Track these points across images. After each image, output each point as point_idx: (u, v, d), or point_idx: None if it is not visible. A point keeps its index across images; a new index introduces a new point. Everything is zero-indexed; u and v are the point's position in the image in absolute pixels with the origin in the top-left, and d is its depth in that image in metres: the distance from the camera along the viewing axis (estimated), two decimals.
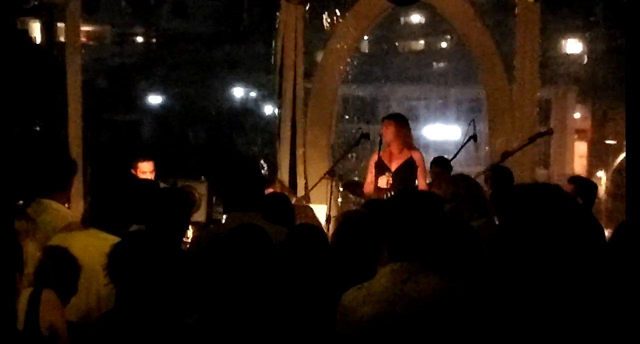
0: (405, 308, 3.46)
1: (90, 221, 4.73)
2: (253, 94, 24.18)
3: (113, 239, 4.50)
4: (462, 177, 6.29)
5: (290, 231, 4.68)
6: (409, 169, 8.77)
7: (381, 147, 8.83)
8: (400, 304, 3.48)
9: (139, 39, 26.34)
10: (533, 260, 3.57)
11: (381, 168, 8.76)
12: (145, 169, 8.31)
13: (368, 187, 8.91)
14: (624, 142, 9.91)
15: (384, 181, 8.56)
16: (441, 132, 9.14)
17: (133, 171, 8.32)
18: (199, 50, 24.59)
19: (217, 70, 23.90)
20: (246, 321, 3.59)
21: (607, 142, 15.73)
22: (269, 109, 24.64)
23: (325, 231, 7.79)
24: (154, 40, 26.03)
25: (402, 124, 8.88)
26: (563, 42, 17.04)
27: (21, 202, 5.18)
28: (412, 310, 3.45)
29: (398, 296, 3.49)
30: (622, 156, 9.45)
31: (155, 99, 25.70)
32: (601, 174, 16.12)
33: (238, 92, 25.31)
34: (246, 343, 3.57)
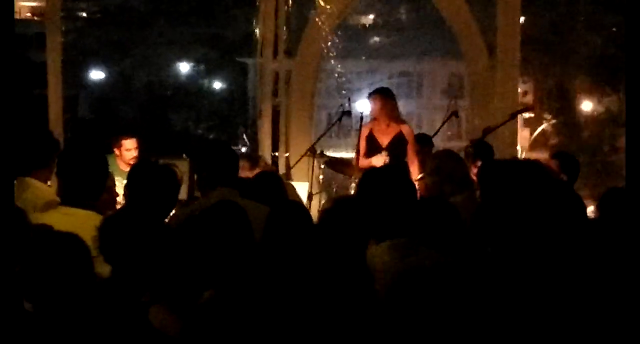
0: (412, 282, 3.48)
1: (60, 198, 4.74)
2: (187, 68, 23.70)
3: (83, 213, 4.50)
4: (446, 152, 6.32)
5: (274, 208, 4.67)
6: (399, 143, 8.73)
7: (362, 123, 8.77)
8: (409, 278, 3.50)
9: (83, 15, 25.84)
10: (514, 235, 3.59)
11: (373, 144, 8.70)
12: (130, 146, 8.25)
13: (361, 162, 8.79)
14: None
15: (380, 160, 8.50)
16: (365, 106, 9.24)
17: (116, 149, 8.27)
18: (137, 25, 24.15)
19: (155, 46, 23.61)
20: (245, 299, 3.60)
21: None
22: (216, 86, 24.32)
23: (307, 208, 7.79)
24: (98, 15, 25.57)
25: (388, 97, 8.83)
26: None
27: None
28: (419, 284, 3.47)
29: (404, 270, 3.51)
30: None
31: (96, 75, 25.17)
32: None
33: (182, 67, 24.89)
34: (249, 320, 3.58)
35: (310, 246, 4.41)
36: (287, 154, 11.24)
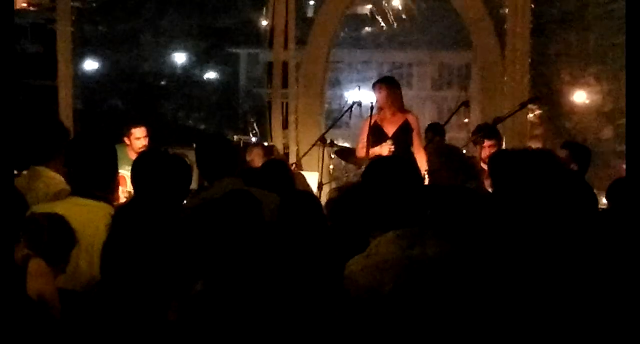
0: (420, 271, 3.49)
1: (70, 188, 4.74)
2: (178, 58, 23.49)
3: (95, 204, 4.51)
4: (446, 146, 6.33)
5: (284, 197, 4.69)
6: (404, 132, 8.74)
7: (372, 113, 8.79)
8: (415, 268, 3.50)
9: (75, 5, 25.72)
10: (525, 225, 3.59)
11: (378, 134, 8.71)
12: (139, 135, 8.26)
13: (361, 152, 8.84)
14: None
15: (385, 149, 8.51)
16: (363, 96, 9.28)
17: (126, 138, 8.28)
18: (127, 16, 23.97)
19: (146, 36, 23.49)
20: (252, 287, 3.60)
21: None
22: (207, 76, 24.08)
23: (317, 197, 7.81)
24: (90, 5, 25.46)
25: (394, 86, 8.84)
26: None
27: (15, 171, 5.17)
28: (427, 273, 3.48)
29: (410, 260, 3.51)
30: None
31: (86, 65, 24.91)
32: None
33: (173, 57, 24.66)
34: (253, 310, 3.58)
35: (321, 236, 4.43)
36: (296, 145, 11.24)
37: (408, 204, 3.62)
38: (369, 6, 21.56)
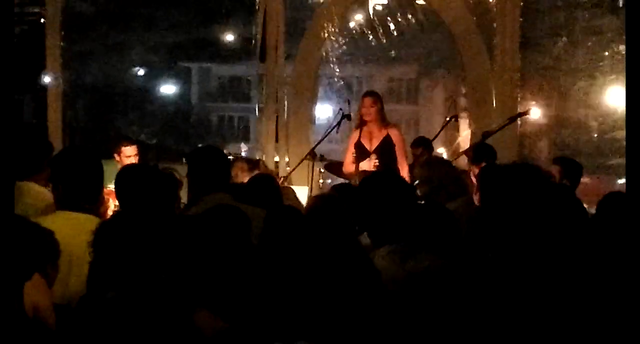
0: (414, 285, 3.50)
1: (56, 202, 4.73)
2: (133, 72, 23.56)
3: (85, 217, 4.49)
4: (436, 160, 6.32)
5: (269, 213, 4.67)
6: (388, 147, 8.71)
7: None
8: (408, 282, 3.51)
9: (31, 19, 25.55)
10: (515, 240, 3.59)
11: (361, 150, 8.70)
12: (129, 153, 8.28)
13: (348, 167, 8.83)
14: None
15: (370, 164, 8.49)
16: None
17: (117, 155, 8.29)
18: (82, 30, 23.86)
19: (100, 50, 23.43)
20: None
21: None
22: (160, 90, 24.15)
23: None
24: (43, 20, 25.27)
25: (381, 100, 8.85)
26: None
27: None
28: (420, 286, 3.49)
29: (404, 275, 3.52)
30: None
31: (41, 80, 24.78)
32: None
33: (128, 72, 24.61)
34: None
35: (306, 250, 4.41)
36: (287, 159, 11.23)
37: (399, 220, 3.63)
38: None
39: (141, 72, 23.70)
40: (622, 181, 11.93)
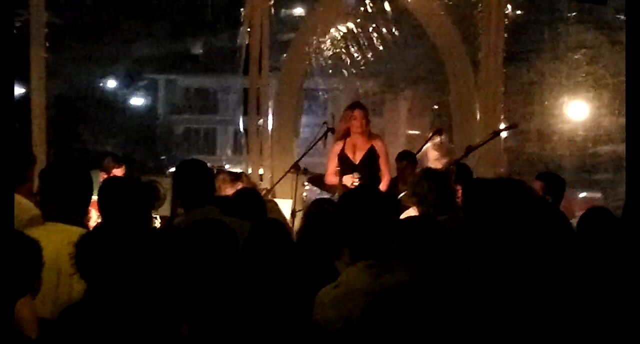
0: (390, 299, 3.50)
1: (44, 214, 4.71)
2: (99, 83, 23.68)
3: (74, 229, 4.46)
4: (426, 173, 6.26)
5: (253, 225, 4.68)
6: (373, 158, 8.72)
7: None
8: (385, 296, 3.51)
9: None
10: (497, 256, 3.60)
11: (345, 162, 8.69)
12: (119, 174, 8.31)
13: (330, 179, 8.82)
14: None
15: (349, 181, 8.48)
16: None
17: (104, 173, 8.31)
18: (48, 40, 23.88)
19: (66, 61, 23.44)
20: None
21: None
22: (126, 102, 24.32)
23: (290, 225, 7.79)
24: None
25: (367, 112, 8.88)
26: None
27: None
28: (397, 301, 3.49)
29: (380, 289, 3.52)
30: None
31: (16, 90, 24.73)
32: None
33: (93, 83, 24.69)
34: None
35: (289, 263, 4.42)
36: (270, 174, 11.22)
37: (379, 236, 3.63)
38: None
39: (110, 83, 23.79)
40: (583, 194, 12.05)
